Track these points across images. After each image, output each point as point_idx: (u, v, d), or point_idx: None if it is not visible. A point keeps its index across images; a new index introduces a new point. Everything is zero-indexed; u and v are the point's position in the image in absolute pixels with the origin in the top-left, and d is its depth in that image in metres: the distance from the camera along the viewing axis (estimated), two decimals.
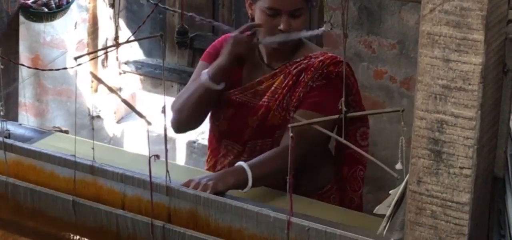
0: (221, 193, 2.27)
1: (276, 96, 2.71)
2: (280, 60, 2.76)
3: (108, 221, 2.13)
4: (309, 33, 2.72)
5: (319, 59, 2.70)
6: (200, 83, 2.68)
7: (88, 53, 4.80)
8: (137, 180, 2.12)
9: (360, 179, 2.85)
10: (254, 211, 1.97)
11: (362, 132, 2.82)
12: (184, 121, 2.79)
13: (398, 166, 1.66)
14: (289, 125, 1.87)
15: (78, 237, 2.21)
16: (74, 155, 2.18)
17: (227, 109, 2.76)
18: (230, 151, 2.78)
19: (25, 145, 2.36)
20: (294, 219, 1.88)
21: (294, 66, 2.72)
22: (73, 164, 2.19)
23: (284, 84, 2.70)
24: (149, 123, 1.99)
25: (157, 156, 2.14)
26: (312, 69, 2.69)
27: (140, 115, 2.01)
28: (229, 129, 2.77)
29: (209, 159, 2.92)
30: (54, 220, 2.22)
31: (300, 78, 2.69)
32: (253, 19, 2.73)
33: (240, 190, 2.39)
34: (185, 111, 2.74)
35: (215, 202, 2.04)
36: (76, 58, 2.14)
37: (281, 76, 2.73)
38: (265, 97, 2.73)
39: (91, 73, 2.44)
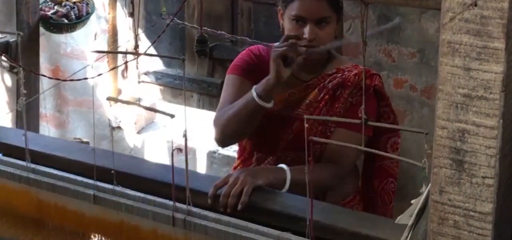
0: (259, 187, 2.31)
1: (312, 110, 2.69)
2: (309, 72, 2.74)
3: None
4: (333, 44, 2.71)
5: (353, 73, 2.69)
6: (248, 100, 2.59)
7: (107, 52, 4.83)
8: (153, 213, 2.10)
9: (391, 191, 2.83)
10: (275, 235, 1.95)
11: (393, 142, 2.80)
12: (230, 136, 2.74)
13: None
14: (313, 139, 1.84)
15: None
16: (94, 166, 2.18)
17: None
18: (261, 163, 2.77)
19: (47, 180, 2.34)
20: None
21: (328, 79, 2.71)
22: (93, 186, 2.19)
23: (319, 98, 2.69)
24: (172, 116, 1.97)
25: (180, 149, 2.11)
26: (349, 83, 2.68)
27: (164, 113, 1.99)
28: (262, 141, 2.76)
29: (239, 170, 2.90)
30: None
31: (337, 93, 2.68)
32: (283, 29, 2.72)
33: (276, 190, 2.40)
34: (232, 127, 2.67)
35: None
36: (95, 51, 2.13)
37: (316, 90, 2.71)
38: (300, 110, 2.71)
39: (109, 97, 2.44)
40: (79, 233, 2.25)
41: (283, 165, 2.49)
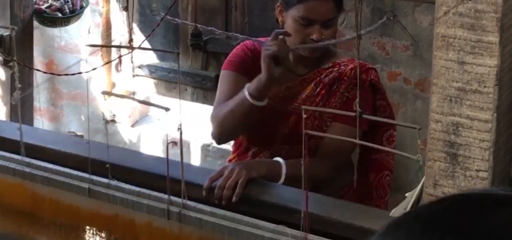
0: (254, 180, 2.33)
1: (308, 104, 2.68)
2: (306, 66, 2.75)
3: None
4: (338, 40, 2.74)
5: (349, 67, 2.70)
6: (241, 99, 2.61)
7: (101, 45, 4.82)
8: (148, 207, 2.11)
9: (386, 185, 2.84)
10: (270, 228, 1.96)
11: (389, 135, 2.80)
12: (227, 134, 2.79)
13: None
14: (309, 132, 1.86)
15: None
16: (88, 159, 2.19)
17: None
18: (257, 157, 2.78)
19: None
20: (311, 237, 1.88)
21: (325, 73, 2.71)
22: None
23: (316, 92, 2.70)
24: (167, 109, 1.99)
25: (175, 143, 2.13)
26: (345, 78, 2.69)
27: (158, 106, 2.00)
28: (258, 135, 2.77)
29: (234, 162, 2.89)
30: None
31: (334, 87, 2.69)
32: (282, 26, 2.71)
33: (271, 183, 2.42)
34: (228, 126, 2.71)
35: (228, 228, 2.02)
36: (89, 45, 2.14)
37: (312, 84, 2.72)
38: (296, 104, 2.71)
39: (103, 92, 2.44)
40: (73, 227, 2.25)
41: (279, 159, 2.51)
